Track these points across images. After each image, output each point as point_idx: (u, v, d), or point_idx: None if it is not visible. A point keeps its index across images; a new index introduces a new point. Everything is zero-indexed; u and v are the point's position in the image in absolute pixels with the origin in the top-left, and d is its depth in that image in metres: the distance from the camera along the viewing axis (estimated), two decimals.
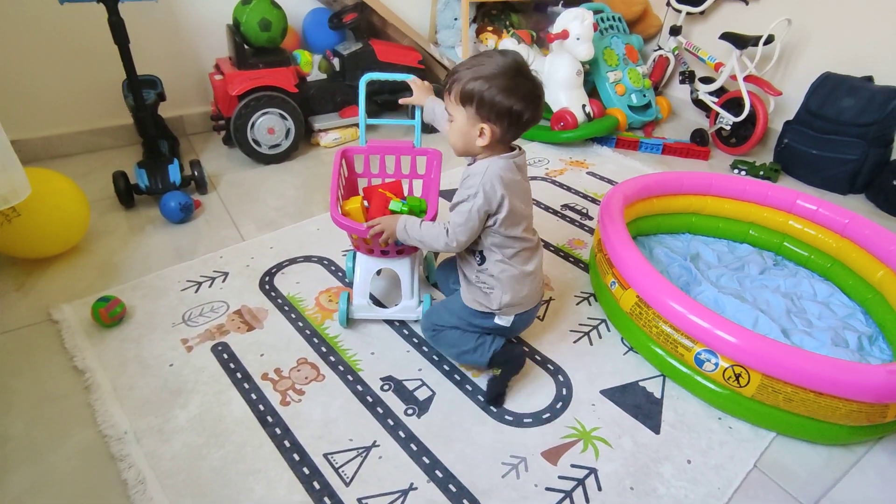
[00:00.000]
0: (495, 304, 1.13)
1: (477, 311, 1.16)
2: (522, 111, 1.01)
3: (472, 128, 1.04)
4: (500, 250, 1.10)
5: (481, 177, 1.03)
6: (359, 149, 1.41)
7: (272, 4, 2.03)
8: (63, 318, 1.34)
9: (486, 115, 1.01)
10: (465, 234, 1.07)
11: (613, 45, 2.64)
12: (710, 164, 2.40)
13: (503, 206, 1.04)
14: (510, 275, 1.11)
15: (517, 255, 1.11)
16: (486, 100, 1.00)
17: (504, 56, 1.01)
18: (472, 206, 1.04)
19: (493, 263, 1.11)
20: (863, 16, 2.14)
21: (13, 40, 1.92)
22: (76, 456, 1.04)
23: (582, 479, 1.04)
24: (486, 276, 1.13)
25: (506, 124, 1.02)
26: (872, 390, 1.01)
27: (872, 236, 1.49)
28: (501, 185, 1.03)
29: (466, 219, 1.05)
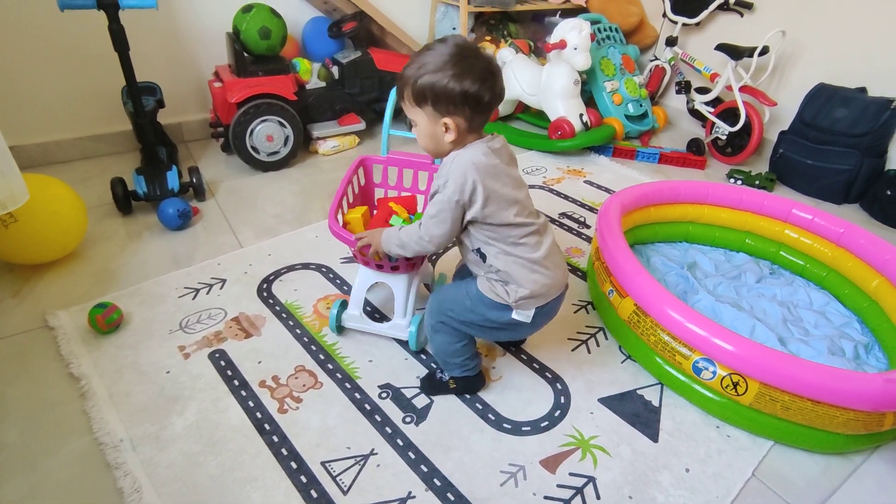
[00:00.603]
0: (511, 297, 1.04)
1: (493, 303, 1.07)
2: (480, 93, 0.94)
3: (435, 126, 0.98)
4: (497, 242, 1.02)
5: (449, 166, 0.98)
6: (379, 159, 1.39)
7: (272, 13, 2.04)
8: (59, 324, 1.33)
9: (445, 108, 0.95)
10: (437, 227, 1.00)
11: (610, 55, 2.66)
12: (706, 173, 2.41)
13: (477, 192, 0.96)
14: (518, 265, 1.03)
15: (520, 244, 1.03)
16: (439, 93, 0.94)
17: (444, 43, 0.95)
18: (443, 196, 0.98)
19: (496, 257, 1.03)
20: (856, 28, 2.17)
21: (12, 46, 1.92)
22: (72, 464, 1.03)
23: (580, 488, 1.04)
24: (493, 271, 1.05)
25: (468, 112, 0.96)
26: (870, 399, 1.02)
27: (868, 246, 1.50)
28: (474, 171, 0.95)
29: (437, 210, 0.99)
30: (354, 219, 1.29)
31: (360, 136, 2.45)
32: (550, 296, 1.08)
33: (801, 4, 2.30)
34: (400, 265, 1.24)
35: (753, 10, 2.45)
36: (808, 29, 2.29)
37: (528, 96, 2.53)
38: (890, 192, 2.05)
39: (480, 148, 0.99)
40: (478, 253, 1.06)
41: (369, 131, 2.53)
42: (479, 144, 1.00)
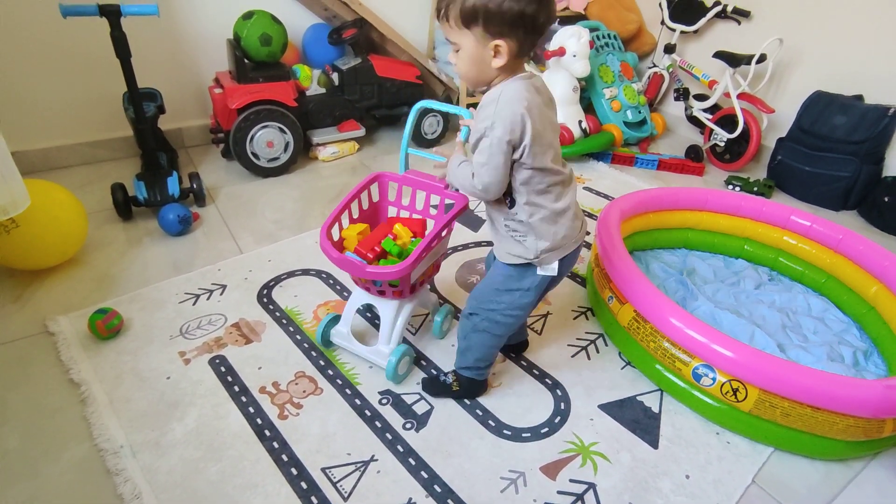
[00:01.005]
0: (531, 252, 1.02)
1: (515, 269, 1.06)
2: (536, 13, 0.87)
3: (483, 49, 0.91)
4: (527, 188, 0.98)
5: (496, 104, 0.91)
6: (395, 176, 1.30)
7: (273, 20, 2.05)
8: (59, 330, 1.33)
9: (497, 29, 0.88)
10: (489, 175, 0.94)
11: (609, 62, 2.68)
12: (704, 179, 2.42)
13: (526, 130, 0.90)
14: (541, 217, 1.00)
15: (546, 192, 0.99)
16: (492, 12, 0.87)
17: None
18: (491, 140, 0.91)
19: (522, 207, 1.00)
20: (852, 36, 2.19)
21: (15, 51, 1.93)
22: (72, 470, 1.03)
23: (581, 495, 1.04)
24: (516, 222, 1.02)
25: (521, 33, 0.89)
26: (869, 405, 1.02)
27: (866, 252, 1.50)
28: (522, 108, 0.90)
29: (488, 156, 0.93)
30: (350, 236, 1.25)
31: (360, 143, 2.46)
32: (570, 247, 1.06)
33: (798, 13, 2.32)
34: (385, 290, 1.19)
35: (751, 18, 2.47)
36: (806, 37, 2.31)
37: None
38: (888, 198, 2.06)
39: (525, 84, 0.93)
40: (507, 198, 1.02)
41: (369, 137, 2.53)
42: (523, 81, 0.94)
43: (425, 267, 1.21)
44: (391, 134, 2.62)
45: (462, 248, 1.78)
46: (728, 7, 2.48)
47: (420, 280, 1.24)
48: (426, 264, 1.21)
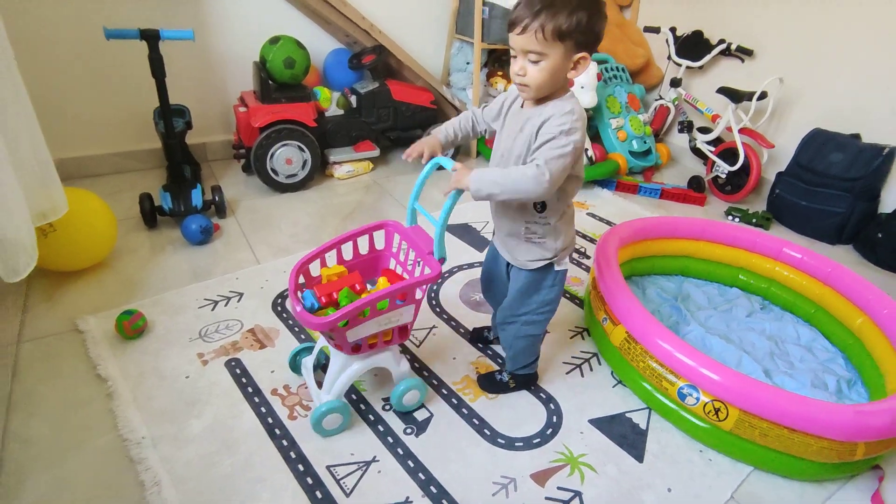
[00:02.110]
0: (550, 251, 1.13)
1: (536, 272, 1.16)
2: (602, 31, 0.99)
3: (566, 62, 0.98)
4: (561, 192, 1.08)
5: (572, 115, 0.99)
6: (399, 227, 1.24)
7: (297, 45, 2.18)
8: (88, 328, 1.43)
9: (584, 44, 0.97)
10: (559, 168, 0.98)
11: (616, 93, 2.78)
12: (705, 209, 2.50)
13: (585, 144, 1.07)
14: (566, 218, 1.13)
15: (569, 197, 1.11)
16: (588, 29, 0.95)
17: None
18: (570, 141, 0.98)
19: (553, 209, 1.10)
20: (851, 78, 2.27)
21: (60, 67, 2.08)
22: (97, 458, 1.11)
23: (567, 501, 1.11)
24: (539, 225, 1.11)
25: (593, 50, 1.00)
26: (840, 428, 1.08)
27: (853, 285, 1.57)
28: (584, 121, 1.02)
29: (562, 154, 0.98)
30: (327, 275, 1.19)
31: (375, 163, 2.57)
32: (573, 245, 1.20)
33: (798, 54, 2.41)
34: (339, 340, 1.10)
35: (754, 56, 2.57)
36: (806, 76, 2.40)
37: None
38: (881, 234, 2.13)
39: (577, 99, 1.04)
40: (538, 204, 1.10)
41: (383, 158, 2.65)
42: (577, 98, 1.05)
43: (371, 331, 1.11)
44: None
45: (468, 267, 1.86)
46: (732, 45, 2.58)
47: (370, 343, 1.15)
48: (371, 328, 1.11)
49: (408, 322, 1.16)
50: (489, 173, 1.02)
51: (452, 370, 1.41)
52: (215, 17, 2.30)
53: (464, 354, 1.47)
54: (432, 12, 2.79)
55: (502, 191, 1.01)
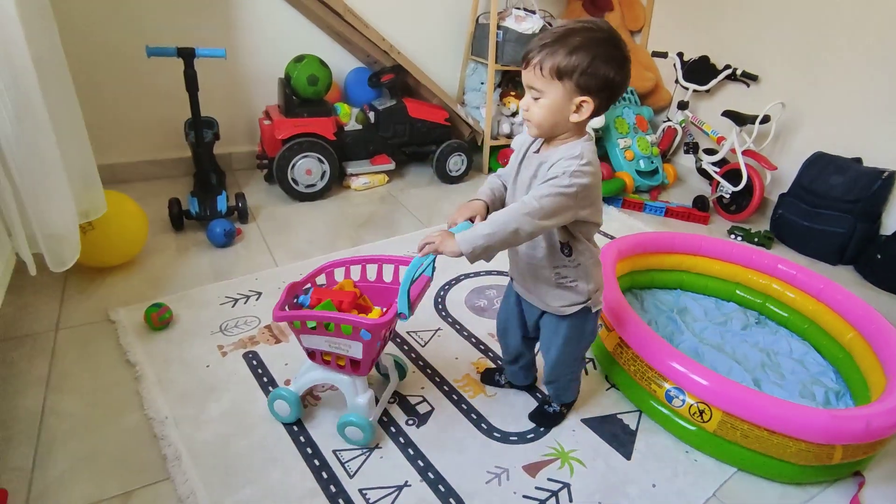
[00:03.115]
0: (584, 295, 1.12)
1: (574, 318, 1.15)
2: (622, 82, 0.95)
3: (567, 103, 0.95)
4: (585, 236, 1.08)
5: (579, 160, 0.96)
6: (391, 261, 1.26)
7: (321, 63, 2.32)
8: (119, 319, 1.55)
9: (587, 87, 0.94)
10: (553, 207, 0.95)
11: (625, 114, 2.88)
12: (709, 228, 2.57)
13: (598, 194, 1.01)
14: (594, 261, 1.12)
15: (593, 239, 1.11)
16: (589, 71, 0.92)
17: (595, 24, 0.96)
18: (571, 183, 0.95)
19: (580, 253, 1.09)
20: (853, 104, 2.34)
21: (104, 81, 2.25)
22: (125, 433, 1.22)
23: (556, 492, 1.18)
24: (570, 268, 1.10)
25: (604, 96, 0.96)
26: (816, 431, 1.14)
27: (844, 302, 1.63)
28: (597, 169, 0.99)
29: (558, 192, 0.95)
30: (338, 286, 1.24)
31: (390, 175, 2.69)
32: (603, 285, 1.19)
33: (802, 80, 2.49)
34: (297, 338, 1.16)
35: (759, 81, 2.65)
36: (810, 102, 2.48)
37: None
38: (880, 256, 2.18)
39: (593, 147, 1.00)
40: (566, 247, 1.08)
41: (398, 171, 2.77)
42: (591, 143, 1.00)
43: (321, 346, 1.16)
44: (419, 169, 2.85)
45: (473, 276, 1.95)
46: (738, 71, 2.67)
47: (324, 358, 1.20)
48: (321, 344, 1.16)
49: (357, 358, 1.14)
50: (476, 228, 0.99)
51: (454, 369, 1.50)
52: (246, 37, 2.46)
53: (465, 355, 1.56)
54: (449, 34, 2.94)
55: (493, 240, 0.97)
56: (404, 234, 2.21)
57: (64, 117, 1.36)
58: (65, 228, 1.30)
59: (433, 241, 1.02)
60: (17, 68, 1.14)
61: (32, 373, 1.36)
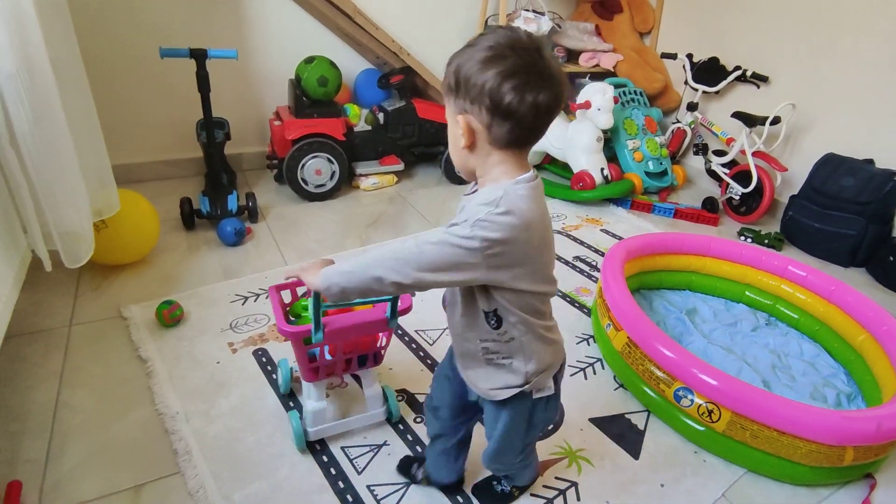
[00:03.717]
0: (520, 377, 0.86)
1: (517, 404, 0.89)
2: (504, 93, 0.69)
3: (455, 126, 0.76)
4: (519, 309, 0.81)
5: (493, 206, 0.72)
6: None
7: (331, 64, 2.34)
8: (131, 315, 1.57)
9: (464, 101, 0.73)
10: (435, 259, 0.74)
11: (634, 116, 2.87)
12: (718, 230, 2.55)
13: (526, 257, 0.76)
14: (535, 336, 0.84)
15: (539, 311, 0.84)
16: (463, 77, 0.72)
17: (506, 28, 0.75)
18: (471, 234, 0.72)
19: (513, 326, 0.82)
20: (864, 105, 2.33)
21: (120, 82, 2.28)
22: (136, 427, 1.24)
23: (563, 490, 1.18)
24: (500, 343, 0.85)
25: (485, 115, 0.72)
26: (827, 431, 1.14)
27: (855, 303, 1.61)
28: (523, 224, 0.73)
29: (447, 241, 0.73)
30: None
31: (399, 176, 2.70)
32: (559, 362, 0.92)
33: (813, 80, 2.48)
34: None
35: (769, 82, 2.64)
36: (821, 103, 2.46)
37: (555, 149, 2.75)
38: (892, 258, 2.15)
39: (530, 192, 0.75)
40: (492, 316, 0.82)
41: (407, 172, 2.78)
42: (527, 186, 0.76)
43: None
44: (428, 170, 2.86)
45: None
46: (748, 72, 2.66)
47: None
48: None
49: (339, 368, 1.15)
50: (339, 264, 0.82)
51: None
52: (257, 38, 2.48)
53: None
54: (458, 36, 2.94)
55: (351, 281, 0.79)
56: (413, 233, 2.22)
57: (80, 117, 1.38)
58: (79, 226, 1.32)
59: (304, 267, 0.87)
60: (36, 69, 1.16)
61: (46, 367, 1.38)
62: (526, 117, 0.72)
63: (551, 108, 0.73)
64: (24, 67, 1.13)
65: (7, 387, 1.31)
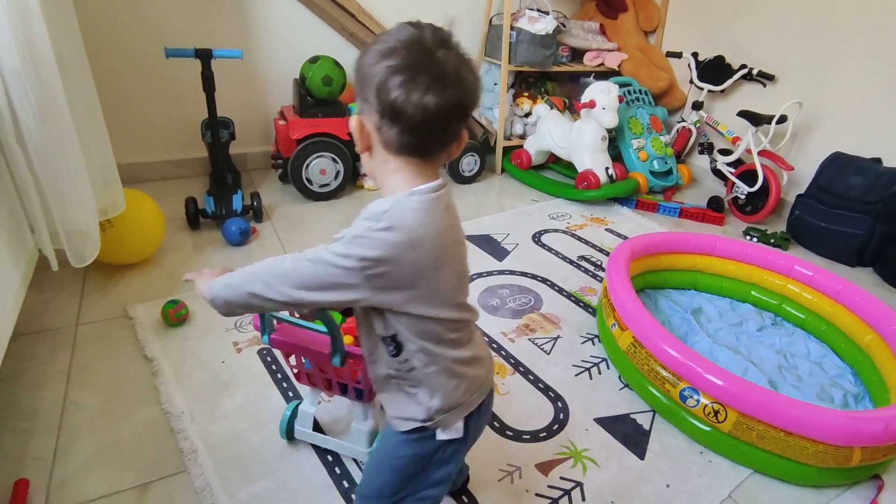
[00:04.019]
0: (422, 411, 0.77)
1: (412, 438, 0.79)
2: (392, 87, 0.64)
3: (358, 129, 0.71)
4: (419, 338, 0.73)
5: (375, 221, 0.67)
6: None
7: (335, 64, 2.34)
8: (137, 315, 1.58)
9: (361, 96, 0.69)
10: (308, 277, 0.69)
11: (639, 115, 2.87)
12: (724, 229, 2.54)
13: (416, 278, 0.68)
14: (439, 369, 0.75)
15: (445, 341, 0.75)
16: (358, 72, 0.68)
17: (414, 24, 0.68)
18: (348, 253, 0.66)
19: (415, 355, 0.74)
20: (871, 103, 2.31)
21: (125, 81, 2.29)
22: (142, 426, 1.24)
23: (569, 490, 1.17)
24: (404, 371, 0.76)
25: (376, 116, 0.67)
26: (834, 432, 1.13)
27: (862, 303, 1.60)
28: (408, 238, 0.66)
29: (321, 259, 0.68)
30: None
31: None
32: (476, 402, 0.81)
33: (820, 79, 2.46)
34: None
35: (775, 81, 2.63)
36: (828, 101, 2.45)
37: (559, 149, 2.75)
38: None
39: (428, 204, 0.69)
40: (390, 342, 0.74)
41: None
42: (427, 198, 0.69)
43: None
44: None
45: (486, 275, 1.96)
46: (754, 70, 2.64)
47: None
48: None
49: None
50: (231, 274, 0.77)
51: None
52: (262, 38, 2.48)
53: None
54: (462, 35, 2.93)
55: (232, 295, 0.74)
56: None
57: (85, 116, 1.39)
58: (85, 224, 1.33)
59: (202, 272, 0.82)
60: (42, 67, 1.16)
61: (54, 366, 1.38)
62: (413, 119, 0.65)
63: (444, 111, 0.65)
64: (30, 65, 1.13)
65: (16, 385, 1.32)
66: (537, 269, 2.02)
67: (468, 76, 0.67)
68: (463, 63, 0.67)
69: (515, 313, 1.76)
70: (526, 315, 1.75)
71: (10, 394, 1.29)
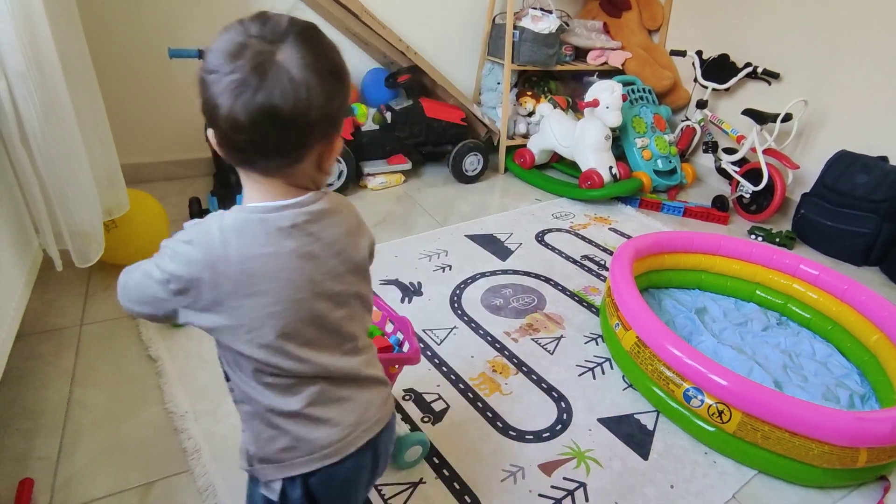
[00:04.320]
0: (244, 452, 0.70)
1: (249, 481, 0.74)
2: (202, 88, 0.59)
3: None
4: (236, 368, 0.66)
5: (179, 233, 0.62)
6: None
7: None
8: None
9: None
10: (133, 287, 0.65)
11: (642, 114, 2.85)
12: (728, 228, 2.53)
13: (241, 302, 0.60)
14: (252, 410, 0.67)
15: (265, 384, 0.64)
16: None
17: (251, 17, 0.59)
18: (160, 257, 0.62)
19: (236, 384, 0.68)
20: (878, 101, 2.29)
21: (128, 82, 2.30)
22: (146, 426, 1.24)
23: (572, 491, 1.17)
24: (236, 403, 0.71)
25: (207, 120, 0.61)
26: (840, 433, 1.12)
27: (869, 302, 1.59)
28: (212, 257, 0.59)
29: (140, 267, 0.64)
30: None
31: (406, 175, 2.70)
32: (307, 468, 0.66)
33: (825, 76, 2.45)
34: None
35: (780, 79, 2.61)
36: (833, 99, 2.43)
37: (563, 148, 2.74)
38: None
39: (241, 222, 0.61)
40: (223, 364, 0.69)
41: (415, 171, 2.77)
42: (245, 214, 0.62)
43: None
44: (435, 169, 2.86)
45: (490, 275, 1.95)
46: (759, 69, 2.63)
47: None
48: None
49: None
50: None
51: (470, 367, 1.50)
52: None
53: (481, 353, 1.56)
54: (465, 35, 2.94)
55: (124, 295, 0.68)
56: (420, 233, 2.22)
57: (89, 117, 1.39)
58: (90, 225, 1.33)
59: None
60: (45, 68, 1.17)
61: (59, 366, 1.39)
62: (221, 127, 0.58)
63: (252, 117, 0.56)
64: (34, 65, 1.14)
65: (21, 385, 1.32)
66: (540, 269, 2.01)
67: (301, 77, 0.56)
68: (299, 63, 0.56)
69: (519, 313, 1.75)
70: (529, 315, 1.75)
71: (15, 393, 1.30)
